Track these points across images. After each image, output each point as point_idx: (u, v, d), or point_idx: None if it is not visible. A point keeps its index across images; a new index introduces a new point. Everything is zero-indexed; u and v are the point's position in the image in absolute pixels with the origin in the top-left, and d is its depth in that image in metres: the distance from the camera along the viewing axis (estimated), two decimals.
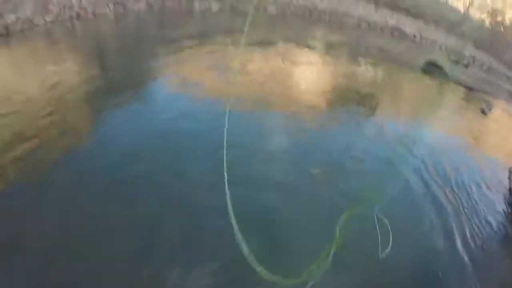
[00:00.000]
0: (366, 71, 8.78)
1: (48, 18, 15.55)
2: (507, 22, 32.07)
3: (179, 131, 4.00)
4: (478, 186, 4.20)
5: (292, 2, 17.55)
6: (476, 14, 31.36)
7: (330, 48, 10.93)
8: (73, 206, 2.77)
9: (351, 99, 6.12)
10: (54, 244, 2.40)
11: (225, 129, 3.11)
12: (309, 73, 7.43)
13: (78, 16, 16.27)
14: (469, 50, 25.69)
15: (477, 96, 9.49)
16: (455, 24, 28.74)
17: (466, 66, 18.52)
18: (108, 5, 17.26)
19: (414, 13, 23.06)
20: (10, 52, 11.50)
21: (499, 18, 32.45)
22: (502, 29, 31.23)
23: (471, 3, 30.11)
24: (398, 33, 20.54)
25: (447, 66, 11.78)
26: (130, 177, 3.15)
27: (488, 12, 32.22)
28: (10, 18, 15.56)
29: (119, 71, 7.09)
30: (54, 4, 16.77)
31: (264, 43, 9.59)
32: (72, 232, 2.50)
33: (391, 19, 20.71)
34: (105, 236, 2.48)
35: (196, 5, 16.41)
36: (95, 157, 3.52)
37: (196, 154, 3.55)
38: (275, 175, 3.30)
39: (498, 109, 9.60)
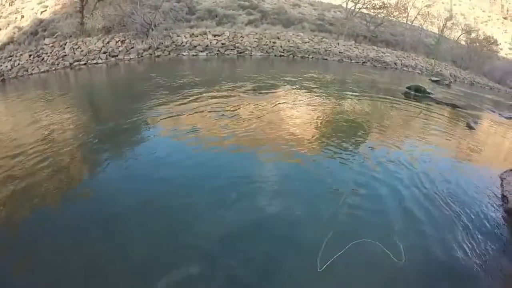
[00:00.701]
0: (352, 102, 9.12)
1: (43, 67, 16.43)
2: (481, 36, 33.96)
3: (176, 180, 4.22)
4: (472, 195, 4.30)
5: (275, 45, 18.64)
6: (451, 34, 33.24)
7: (316, 83, 11.52)
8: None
9: (341, 130, 6.36)
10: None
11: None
12: (300, 109, 7.79)
13: (71, 66, 17.19)
14: (449, 70, 26.95)
15: (463, 112, 9.80)
16: (432, 47, 30.38)
17: (448, 85, 19.23)
18: (100, 56, 18.31)
19: (393, 43, 24.44)
20: (4, 97, 12.05)
21: (473, 35, 34.39)
22: (477, 43, 32.90)
23: (445, 25, 31.97)
24: (379, 64, 21.56)
25: (429, 88, 12.25)
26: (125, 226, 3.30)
27: (462, 30, 34.19)
28: (6, 65, 16.41)
29: (111, 117, 7.38)
30: (49, 55, 17.76)
31: (254, 85, 10.22)
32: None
33: (371, 51, 21.85)
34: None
35: (185, 54, 17.39)
36: (88, 208, 3.68)
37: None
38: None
39: (485, 121, 9.79)
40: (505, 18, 46.13)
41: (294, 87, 10.40)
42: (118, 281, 2.69)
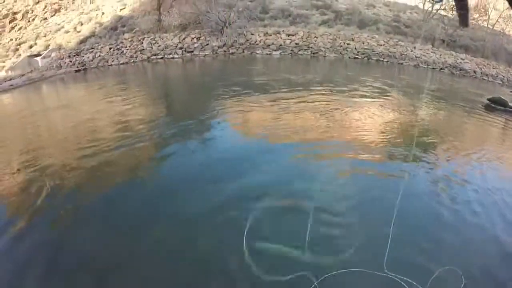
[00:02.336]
0: (429, 111, 8.46)
1: (122, 59, 17.58)
2: None
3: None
4: None
5: (349, 47, 17.95)
6: None
7: (391, 89, 10.90)
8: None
9: (417, 140, 5.85)
10: None
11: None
12: (374, 115, 7.38)
13: (149, 59, 18.19)
14: None
15: None
16: None
17: None
18: (176, 52, 19.14)
19: (473, 49, 22.30)
20: (86, 85, 12.99)
21: None
22: None
23: None
24: (457, 71, 19.77)
25: (511, 102, 10.93)
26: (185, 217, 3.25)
27: None
28: (88, 56, 17.85)
29: (183, 108, 7.71)
30: (128, 48, 18.99)
31: (328, 88, 9.93)
32: None
33: (449, 57, 20.11)
34: None
35: (259, 52, 17.48)
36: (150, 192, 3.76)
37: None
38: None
39: None
40: None
41: (367, 92, 9.89)
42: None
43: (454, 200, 3.89)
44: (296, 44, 17.44)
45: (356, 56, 17.71)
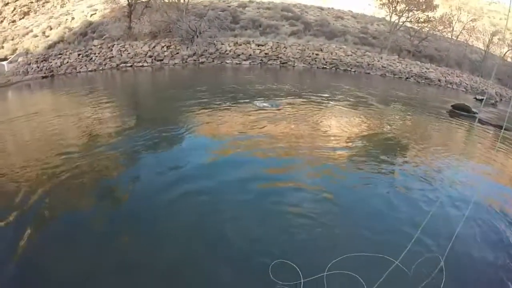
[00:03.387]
0: (395, 120, 8.79)
1: (91, 66, 17.16)
2: None
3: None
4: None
5: (318, 57, 18.37)
6: (496, 50, 31.41)
7: (358, 98, 11.20)
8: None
9: (381, 149, 6.06)
10: None
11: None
12: (341, 123, 7.58)
13: (118, 67, 17.84)
14: (495, 88, 25.40)
15: (509, 134, 9.15)
16: (478, 64, 28.80)
17: (494, 104, 18.05)
18: (146, 60, 18.88)
19: (437, 59, 23.39)
20: (53, 92, 12.57)
21: None
22: None
23: (491, 41, 30.28)
24: (422, 80, 20.68)
25: (474, 107, 11.60)
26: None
27: (508, 46, 32.24)
28: (55, 62, 17.29)
29: (151, 118, 7.47)
30: (97, 55, 18.57)
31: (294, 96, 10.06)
32: None
33: (415, 67, 21.02)
34: None
35: (229, 62, 17.56)
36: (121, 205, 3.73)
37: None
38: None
39: None
40: None
41: (337, 101, 10.19)
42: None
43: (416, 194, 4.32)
44: (265, 54, 17.67)
45: (325, 66, 18.16)
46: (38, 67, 17.12)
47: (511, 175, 6.05)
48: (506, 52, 31.81)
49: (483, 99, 17.99)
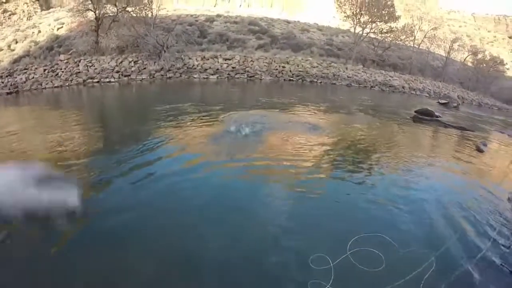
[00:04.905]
0: (360, 127, 9.05)
1: (57, 82, 16.85)
2: (488, 56, 34.17)
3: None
4: (482, 215, 4.41)
5: (284, 70, 18.97)
6: (457, 56, 33.49)
7: (324, 107, 11.64)
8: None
9: (348, 155, 6.35)
10: None
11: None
12: (309, 133, 7.73)
13: (84, 83, 17.62)
14: (456, 92, 27.06)
15: (472, 135, 9.78)
16: (440, 70, 30.60)
17: (456, 107, 19.19)
18: (113, 75, 18.76)
19: (401, 67, 24.70)
20: (17, 110, 12.26)
21: (479, 56, 34.62)
22: (484, 64, 33.05)
23: (451, 47, 32.26)
24: (387, 88, 21.74)
25: (437, 111, 12.26)
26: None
27: (468, 51, 34.46)
28: (20, 77, 16.86)
29: (118, 135, 7.49)
30: (63, 71, 18.25)
31: (263, 109, 10.29)
32: None
33: (379, 76, 22.08)
34: None
35: (196, 76, 17.78)
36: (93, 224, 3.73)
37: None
38: None
39: (494, 143, 9.67)
40: (510, 38, 46.46)
41: (303, 111, 10.54)
42: None
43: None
44: (233, 68, 18.06)
45: (291, 78, 18.77)
46: (2, 82, 16.60)
47: (476, 170, 6.52)
48: (466, 57, 34.05)
49: (445, 102, 19.16)
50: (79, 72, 17.92)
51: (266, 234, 3.63)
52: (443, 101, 19.28)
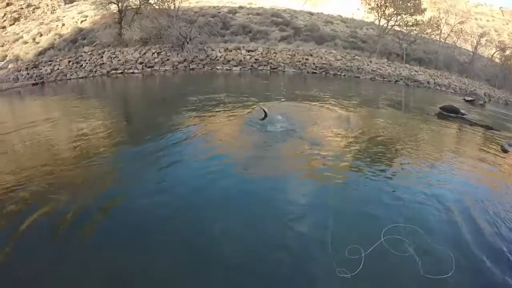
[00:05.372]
0: (384, 122, 8.86)
1: (81, 73, 17.12)
2: None
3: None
4: (506, 218, 4.16)
5: (308, 62, 18.58)
6: (485, 52, 32.02)
7: (348, 101, 11.38)
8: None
9: (371, 151, 6.16)
10: None
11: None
12: (334, 125, 7.67)
13: (108, 74, 17.83)
14: (483, 89, 25.89)
15: (497, 134, 9.36)
16: (466, 65, 29.34)
17: (483, 105, 18.36)
18: (136, 66, 18.89)
19: (426, 62, 23.80)
20: (43, 99, 12.52)
21: (507, 52, 32.96)
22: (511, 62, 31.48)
23: (478, 42, 30.87)
24: (411, 82, 21.00)
25: (462, 109, 11.83)
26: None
27: (496, 47, 32.88)
28: (46, 69, 17.23)
29: (141, 126, 7.51)
30: (87, 62, 18.52)
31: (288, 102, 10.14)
32: None
33: (404, 70, 21.34)
34: None
35: (219, 68, 17.67)
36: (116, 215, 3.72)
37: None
38: None
39: None
40: None
41: (329, 104, 10.30)
42: None
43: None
44: (256, 59, 17.82)
45: (314, 71, 18.37)
46: (28, 74, 17.06)
47: (500, 170, 6.25)
48: (494, 53, 32.50)
49: (472, 100, 18.35)
50: (103, 63, 18.15)
51: (296, 226, 3.57)
52: (469, 98, 18.42)
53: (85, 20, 24.01)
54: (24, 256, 3.08)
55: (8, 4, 31.40)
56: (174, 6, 20.26)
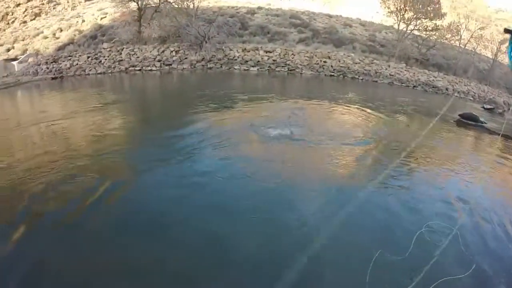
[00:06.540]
0: (401, 129, 8.93)
1: (100, 69, 17.36)
2: None
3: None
4: None
5: (326, 65, 18.42)
6: (505, 59, 31.18)
7: (365, 105, 11.27)
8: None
9: (387, 157, 6.14)
10: None
11: None
12: (350, 129, 7.69)
13: (127, 70, 18.04)
14: (502, 97, 25.20)
15: None
16: (486, 72, 28.63)
17: (502, 113, 17.89)
18: (154, 64, 19.07)
19: (445, 67, 23.32)
20: (62, 94, 12.72)
21: None
22: None
23: (498, 49, 30.08)
24: (430, 88, 20.60)
25: (481, 116, 11.56)
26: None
27: None
28: (65, 64, 17.54)
29: (158, 123, 7.63)
30: (106, 58, 18.79)
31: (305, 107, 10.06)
32: None
33: (422, 75, 20.96)
34: None
35: (237, 68, 17.68)
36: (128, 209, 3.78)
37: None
38: None
39: None
40: None
41: (345, 108, 10.28)
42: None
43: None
44: (273, 60, 17.76)
45: (332, 74, 18.19)
46: (47, 68, 17.41)
47: None
48: None
49: (491, 108, 17.89)
50: (122, 60, 18.38)
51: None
52: (488, 107, 18.03)
53: (105, 17, 24.38)
54: (38, 239, 3.17)
55: (29, 0, 32.20)
56: (193, 5, 20.38)
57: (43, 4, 32.31)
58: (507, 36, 2.68)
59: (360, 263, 3.01)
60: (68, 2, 30.52)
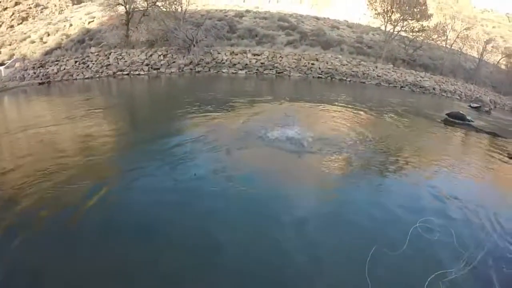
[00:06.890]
0: (389, 128, 8.92)
1: (87, 74, 17.22)
2: None
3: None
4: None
5: (313, 67, 18.58)
6: (490, 58, 31.83)
7: (354, 106, 11.34)
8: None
9: (375, 158, 6.14)
10: None
11: None
12: (341, 130, 7.73)
13: (114, 75, 17.92)
14: (488, 95, 25.72)
15: (504, 141, 9.34)
16: (472, 72, 29.19)
17: (488, 111, 18.23)
18: (142, 68, 18.99)
19: (432, 68, 23.71)
20: (49, 100, 12.57)
21: None
22: None
23: (484, 49, 30.70)
24: (417, 88, 20.91)
25: (468, 115, 11.78)
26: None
27: (502, 53, 32.68)
28: (52, 69, 17.34)
29: (146, 128, 7.58)
30: (94, 63, 18.64)
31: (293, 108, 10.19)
32: None
33: (409, 76, 21.27)
34: None
35: (225, 71, 17.72)
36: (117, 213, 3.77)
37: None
38: None
39: None
40: None
41: (335, 109, 10.35)
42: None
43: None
44: (261, 63, 17.86)
45: (320, 76, 18.36)
46: (34, 73, 17.20)
47: (507, 178, 6.32)
48: (500, 60, 32.30)
49: (477, 106, 18.22)
50: (109, 64, 18.24)
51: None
52: (475, 105, 18.30)
53: (93, 21, 24.21)
54: (34, 246, 3.14)
55: (16, 3, 31.79)
56: (181, 9, 20.37)
57: (30, 8, 31.93)
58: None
59: (357, 258, 3.13)
60: (55, 6, 30.22)
